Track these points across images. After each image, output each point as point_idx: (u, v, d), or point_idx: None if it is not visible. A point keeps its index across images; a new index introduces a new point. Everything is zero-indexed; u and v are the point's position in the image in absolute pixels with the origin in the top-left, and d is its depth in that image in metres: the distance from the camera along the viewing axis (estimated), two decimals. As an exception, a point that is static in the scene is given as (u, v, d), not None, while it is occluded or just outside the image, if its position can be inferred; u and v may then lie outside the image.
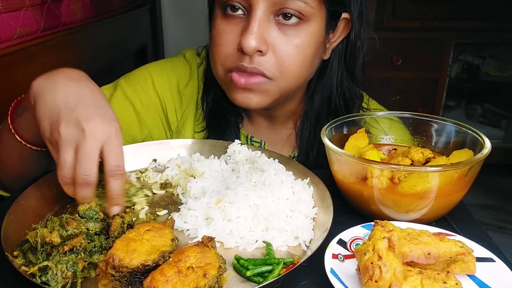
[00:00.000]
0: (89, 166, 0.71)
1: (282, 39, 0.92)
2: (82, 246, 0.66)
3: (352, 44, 1.03)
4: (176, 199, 0.87)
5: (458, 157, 0.82)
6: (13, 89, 1.21)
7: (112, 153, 0.73)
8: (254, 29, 0.89)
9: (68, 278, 0.62)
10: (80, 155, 0.71)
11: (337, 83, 1.08)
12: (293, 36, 0.92)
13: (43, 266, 0.61)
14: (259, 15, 0.90)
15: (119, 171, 0.74)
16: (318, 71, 1.07)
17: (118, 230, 0.70)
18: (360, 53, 1.06)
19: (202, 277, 0.57)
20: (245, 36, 0.89)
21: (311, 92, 1.10)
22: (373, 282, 0.54)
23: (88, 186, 0.72)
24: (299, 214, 0.78)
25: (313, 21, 0.93)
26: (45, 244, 0.65)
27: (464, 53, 3.10)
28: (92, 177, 0.72)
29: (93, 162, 0.71)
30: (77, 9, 1.62)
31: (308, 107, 1.12)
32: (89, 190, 0.73)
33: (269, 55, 0.93)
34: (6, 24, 1.17)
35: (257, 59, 0.92)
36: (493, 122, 3.17)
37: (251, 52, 0.90)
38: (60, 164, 0.72)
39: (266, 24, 0.91)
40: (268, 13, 0.90)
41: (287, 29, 0.92)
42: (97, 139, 0.72)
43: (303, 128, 1.14)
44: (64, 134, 0.71)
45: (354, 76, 1.10)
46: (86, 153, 0.71)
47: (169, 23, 3.02)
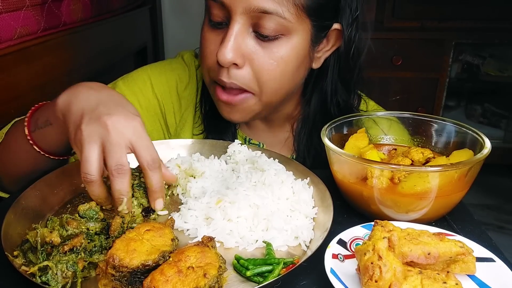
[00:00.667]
0: (119, 155, 0.71)
1: (260, 52, 0.91)
2: (82, 246, 0.66)
3: (344, 55, 1.01)
4: (176, 199, 0.87)
5: (458, 157, 0.82)
6: (13, 89, 1.21)
7: (143, 146, 0.74)
8: (229, 42, 0.88)
9: (68, 278, 0.62)
10: (108, 148, 0.71)
11: (331, 93, 1.07)
12: (271, 49, 0.91)
13: (43, 266, 0.61)
14: (236, 28, 0.89)
15: (155, 163, 0.74)
16: (315, 76, 1.06)
17: (118, 230, 0.70)
18: (356, 63, 1.04)
19: (202, 277, 0.57)
20: (220, 48, 0.89)
21: (308, 97, 1.09)
22: (373, 282, 0.54)
23: (124, 176, 0.72)
24: (299, 214, 0.78)
25: (294, 35, 0.91)
26: (45, 244, 0.65)
27: (464, 53, 3.09)
28: (126, 166, 0.72)
29: (123, 151, 0.72)
30: (78, 9, 1.62)
31: (305, 112, 1.12)
32: (125, 181, 0.73)
33: (246, 69, 0.92)
34: (6, 24, 1.17)
35: (234, 72, 0.92)
36: (493, 122, 3.17)
37: (226, 65, 0.90)
38: (83, 161, 0.72)
39: (245, 36, 0.90)
40: (247, 26, 0.89)
41: (265, 42, 0.90)
42: (121, 132, 0.72)
43: (300, 133, 1.13)
44: (86, 131, 0.72)
45: (349, 87, 1.08)
46: (114, 144, 0.71)
47: (169, 23, 3.02)
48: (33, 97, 1.29)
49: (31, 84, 1.29)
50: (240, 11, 0.87)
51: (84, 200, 0.85)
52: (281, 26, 0.89)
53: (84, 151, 0.72)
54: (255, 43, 0.91)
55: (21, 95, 1.24)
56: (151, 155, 0.75)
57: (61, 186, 0.86)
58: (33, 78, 1.31)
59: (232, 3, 0.87)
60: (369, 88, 1.17)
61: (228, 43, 0.89)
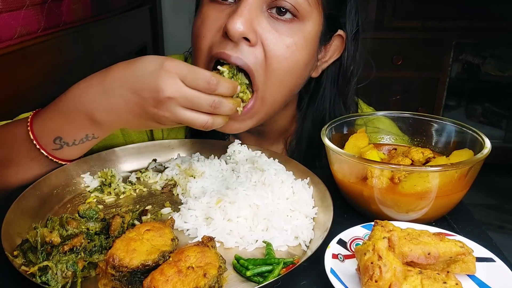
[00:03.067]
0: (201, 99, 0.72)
1: (274, 34, 0.84)
2: (82, 245, 0.66)
3: (345, 68, 0.99)
4: (176, 199, 0.87)
5: (458, 157, 0.81)
6: (14, 88, 1.21)
7: (191, 79, 0.71)
8: (243, 12, 0.80)
9: (68, 277, 0.62)
10: (190, 106, 0.72)
11: (330, 108, 1.03)
12: (285, 34, 0.85)
13: (43, 266, 0.61)
14: (251, 0, 0.82)
15: (213, 82, 0.72)
16: (310, 91, 1.02)
17: (118, 230, 0.70)
18: (353, 78, 1.02)
19: (202, 277, 0.57)
20: (232, 17, 0.80)
21: (303, 113, 1.05)
22: (373, 282, 0.54)
23: (222, 104, 0.73)
24: (299, 214, 0.78)
25: (308, 22, 0.87)
26: (45, 244, 0.65)
27: (465, 53, 3.10)
28: (212, 98, 0.72)
29: (198, 94, 0.72)
30: (78, 8, 1.62)
31: (299, 129, 1.07)
32: (226, 105, 0.74)
33: (258, 48, 0.84)
34: (6, 24, 1.17)
35: (244, 48, 0.83)
36: (493, 122, 3.17)
37: (236, 37, 0.81)
38: (191, 123, 0.74)
39: (258, 13, 0.83)
40: (262, 1, 0.83)
41: (280, 24, 0.85)
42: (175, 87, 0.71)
43: (293, 151, 1.09)
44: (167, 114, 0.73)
45: (346, 102, 1.05)
46: (189, 100, 0.71)
47: (169, 23, 3.02)
48: (33, 96, 1.29)
49: (31, 84, 1.30)
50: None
51: (84, 200, 0.85)
52: (298, 6, 0.84)
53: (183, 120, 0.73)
54: (268, 23, 0.84)
55: (21, 94, 1.24)
56: (205, 80, 0.72)
57: (61, 186, 0.86)
58: (33, 77, 1.31)
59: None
60: (369, 88, 1.16)
61: (241, 12, 0.80)
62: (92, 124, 0.80)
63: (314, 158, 1.07)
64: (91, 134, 0.82)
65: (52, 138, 0.82)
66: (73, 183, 0.88)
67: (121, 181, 0.91)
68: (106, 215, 0.74)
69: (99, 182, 0.89)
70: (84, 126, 0.80)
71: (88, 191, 0.88)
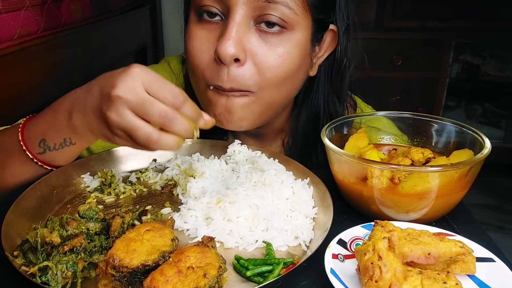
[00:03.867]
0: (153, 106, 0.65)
1: (264, 47, 0.85)
2: (82, 246, 0.66)
3: (338, 62, 0.98)
4: (176, 199, 0.87)
5: (458, 157, 0.82)
6: (13, 89, 1.21)
7: (157, 88, 0.66)
8: (231, 34, 0.81)
9: (68, 278, 0.62)
10: (138, 110, 0.66)
11: (324, 104, 1.02)
12: (275, 45, 0.85)
13: (43, 266, 0.61)
14: (238, 20, 0.82)
15: (178, 97, 0.67)
16: (304, 88, 1.02)
17: (118, 230, 0.70)
18: (347, 71, 1.00)
19: (202, 277, 0.57)
20: (221, 41, 0.82)
21: (298, 111, 1.05)
22: (373, 282, 0.54)
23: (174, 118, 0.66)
24: (299, 214, 0.78)
25: (297, 30, 0.87)
26: (45, 244, 0.65)
27: (464, 53, 3.10)
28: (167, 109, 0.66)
29: (152, 101, 0.65)
30: (77, 9, 1.62)
31: (294, 126, 1.07)
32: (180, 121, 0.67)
33: (248, 65, 0.85)
34: (6, 24, 1.17)
35: (234, 72, 0.84)
36: (493, 122, 3.17)
37: (228, 60, 0.82)
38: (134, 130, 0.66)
39: (246, 30, 0.84)
40: (248, 18, 0.83)
41: (269, 37, 0.85)
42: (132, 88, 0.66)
43: (290, 149, 1.09)
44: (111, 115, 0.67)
45: (340, 96, 1.04)
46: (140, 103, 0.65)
47: (169, 23, 3.02)
48: (32, 97, 1.29)
49: (31, 84, 1.29)
50: (242, 0, 0.82)
51: (84, 200, 0.85)
52: (286, 18, 0.83)
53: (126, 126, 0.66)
54: (257, 38, 0.85)
55: (21, 95, 1.24)
56: (169, 92, 0.67)
57: (61, 186, 0.86)
58: (33, 78, 1.31)
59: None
60: (369, 88, 1.16)
61: (229, 35, 0.81)
62: (69, 126, 0.77)
63: (310, 154, 1.06)
64: (68, 139, 0.80)
65: (38, 141, 0.81)
66: (73, 183, 0.88)
67: (121, 181, 0.91)
68: (106, 215, 0.74)
69: (99, 182, 0.89)
70: (63, 128, 0.78)
71: (88, 191, 0.88)
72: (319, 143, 0.82)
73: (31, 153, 0.81)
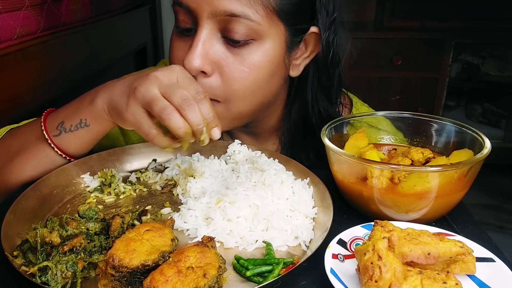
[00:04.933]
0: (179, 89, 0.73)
1: (230, 59, 0.86)
2: (82, 246, 0.66)
3: (322, 61, 0.96)
4: (176, 199, 0.87)
5: (458, 157, 0.81)
6: (13, 89, 1.21)
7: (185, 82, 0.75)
8: (197, 48, 0.85)
9: (68, 278, 0.62)
10: (165, 90, 0.73)
11: (312, 101, 1.02)
12: (242, 55, 0.86)
13: (43, 266, 0.61)
14: (204, 34, 0.85)
15: (200, 94, 0.74)
16: (295, 87, 1.02)
17: (118, 230, 0.70)
18: (335, 69, 0.99)
19: (202, 277, 0.57)
20: (187, 55, 0.85)
21: (289, 108, 1.06)
22: (373, 282, 0.54)
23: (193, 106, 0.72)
24: (299, 214, 0.78)
25: (266, 39, 0.87)
26: (45, 244, 0.65)
27: (464, 53, 3.10)
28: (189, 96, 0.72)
29: (179, 86, 0.74)
30: (77, 9, 1.62)
31: (286, 124, 1.08)
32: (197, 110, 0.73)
33: (215, 76, 0.88)
34: (6, 24, 1.17)
35: (202, 81, 0.87)
36: (493, 122, 3.17)
37: (193, 73, 0.85)
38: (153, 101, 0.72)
39: (212, 43, 0.86)
40: (214, 31, 0.85)
41: (236, 48, 0.86)
42: (167, 74, 0.75)
43: (285, 145, 1.10)
44: (142, 87, 0.74)
45: (330, 96, 1.04)
46: (169, 85, 0.74)
47: (169, 23, 3.02)
48: (32, 97, 1.29)
49: (31, 84, 1.29)
50: (206, 15, 0.84)
51: (84, 200, 0.85)
52: (251, 30, 0.84)
53: (148, 96, 0.73)
54: (224, 49, 0.87)
55: (20, 95, 1.24)
56: (193, 87, 0.75)
57: (61, 186, 0.86)
58: (32, 78, 1.31)
59: (198, 7, 0.83)
60: (368, 88, 1.16)
61: (195, 49, 0.85)
62: (89, 106, 0.83)
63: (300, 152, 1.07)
64: (84, 119, 0.84)
65: (57, 124, 0.86)
66: (73, 183, 0.88)
67: (121, 181, 0.91)
68: (106, 216, 0.74)
69: (99, 182, 0.89)
70: (83, 108, 0.84)
71: (88, 191, 0.88)
72: (308, 141, 0.83)
73: (48, 135, 0.85)
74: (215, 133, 0.76)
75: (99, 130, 0.86)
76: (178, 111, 0.72)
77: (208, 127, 0.75)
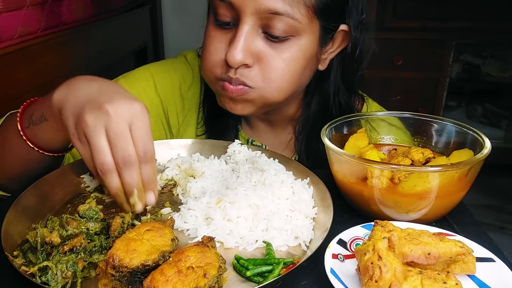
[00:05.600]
0: (125, 145, 0.68)
1: (270, 52, 0.91)
2: (82, 246, 0.66)
3: (350, 56, 1.01)
4: (176, 199, 0.87)
5: (458, 157, 0.81)
6: (14, 89, 1.21)
7: (138, 135, 0.70)
8: (239, 44, 0.88)
9: (68, 278, 0.62)
10: (112, 138, 0.68)
11: (334, 95, 1.06)
12: (281, 49, 0.91)
13: (43, 266, 0.61)
14: (246, 29, 0.88)
15: (148, 155, 0.71)
16: (316, 78, 1.05)
17: (118, 230, 0.70)
18: (359, 64, 1.04)
19: (202, 277, 0.57)
20: (230, 49, 0.89)
21: (309, 99, 1.09)
22: (373, 282, 0.54)
23: (131, 167, 0.69)
24: (299, 214, 0.78)
25: (303, 36, 0.91)
26: (45, 244, 0.65)
27: (465, 53, 3.10)
28: (133, 156, 0.69)
29: (127, 140, 0.69)
30: (78, 8, 1.62)
31: (305, 113, 1.11)
32: (134, 172, 0.69)
33: (255, 67, 0.92)
34: (7, 24, 1.17)
35: (241, 71, 0.91)
36: (494, 122, 3.17)
37: (235, 66, 0.90)
38: (96, 151, 0.68)
39: (254, 37, 0.90)
40: (256, 26, 0.89)
41: (275, 43, 0.90)
42: (123, 117, 0.69)
43: (300, 135, 1.13)
44: (90, 120, 0.68)
45: (352, 88, 1.08)
46: (118, 134, 0.68)
47: (169, 23, 3.02)
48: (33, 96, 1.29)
49: (32, 84, 1.30)
50: (250, 12, 0.87)
51: (84, 200, 0.85)
52: (291, 27, 0.88)
53: (93, 141, 0.68)
54: (264, 43, 0.90)
55: (21, 94, 1.24)
56: (144, 146, 0.71)
57: (61, 186, 0.86)
58: (33, 77, 1.31)
59: (242, 4, 0.87)
60: (369, 88, 1.17)
61: (238, 44, 0.88)
62: (48, 99, 0.79)
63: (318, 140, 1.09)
64: (44, 114, 0.82)
65: (28, 115, 0.85)
66: (73, 183, 0.88)
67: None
68: (106, 215, 0.74)
69: (99, 182, 0.89)
70: (45, 101, 0.81)
71: (88, 191, 0.88)
72: None
73: (21, 126, 0.85)
74: (149, 198, 0.74)
75: (55, 125, 0.80)
76: (117, 166, 0.69)
77: (141, 192, 0.72)
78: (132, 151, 0.69)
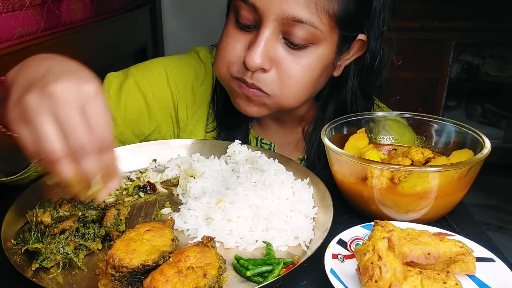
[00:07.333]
0: (77, 134, 0.57)
1: (288, 58, 0.91)
2: (71, 229, 0.67)
3: (368, 67, 1.02)
4: (176, 199, 0.87)
5: (458, 157, 0.82)
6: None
7: (93, 122, 0.58)
8: (259, 47, 0.88)
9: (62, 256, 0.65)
10: (62, 126, 0.56)
11: (352, 102, 1.07)
12: (300, 56, 0.91)
13: (36, 248, 0.64)
14: (267, 33, 0.88)
15: (105, 144, 0.60)
16: (332, 83, 1.05)
17: (111, 221, 0.71)
18: (378, 75, 1.04)
19: (202, 277, 0.57)
20: (249, 52, 0.89)
21: (324, 102, 1.09)
22: (373, 282, 0.54)
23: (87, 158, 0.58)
24: (299, 214, 0.78)
25: (322, 44, 0.91)
26: (39, 224, 0.66)
27: (464, 53, 3.09)
28: (87, 146, 0.57)
29: (79, 128, 0.57)
30: (77, 9, 1.62)
31: (318, 115, 1.11)
32: (90, 163, 0.58)
33: (271, 72, 0.92)
34: (6, 24, 1.17)
35: (258, 75, 0.92)
36: (493, 122, 3.17)
37: (253, 69, 0.90)
38: (39, 138, 0.56)
39: (274, 42, 0.90)
40: (277, 32, 0.89)
41: (294, 50, 0.91)
42: (72, 101, 0.57)
43: (311, 137, 1.13)
44: (32, 103, 0.56)
45: (369, 96, 1.09)
46: (67, 121, 0.56)
47: (169, 23, 3.02)
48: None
49: (31, 84, 1.29)
50: (273, 17, 0.87)
51: (84, 200, 0.85)
52: (311, 35, 0.88)
53: (36, 126, 0.56)
54: (283, 49, 0.91)
55: (21, 95, 1.23)
56: (100, 134, 0.59)
57: (61, 186, 0.85)
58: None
59: (266, 8, 0.86)
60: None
61: (258, 48, 0.88)
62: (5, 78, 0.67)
63: None
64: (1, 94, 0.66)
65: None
66: (73, 183, 0.88)
67: (121, 180, 0.91)
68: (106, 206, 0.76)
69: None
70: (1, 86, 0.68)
71: (88, 191, 0.88)
72: None
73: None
74: (112, 185, 0.64)
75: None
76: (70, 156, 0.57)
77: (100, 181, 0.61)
78: (85, 140, 0.57)
